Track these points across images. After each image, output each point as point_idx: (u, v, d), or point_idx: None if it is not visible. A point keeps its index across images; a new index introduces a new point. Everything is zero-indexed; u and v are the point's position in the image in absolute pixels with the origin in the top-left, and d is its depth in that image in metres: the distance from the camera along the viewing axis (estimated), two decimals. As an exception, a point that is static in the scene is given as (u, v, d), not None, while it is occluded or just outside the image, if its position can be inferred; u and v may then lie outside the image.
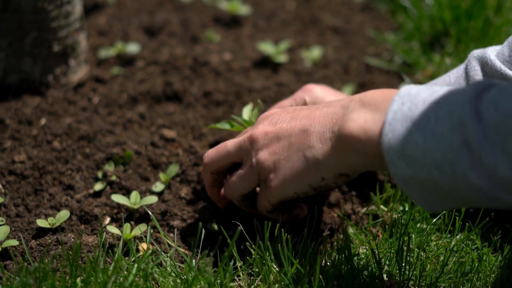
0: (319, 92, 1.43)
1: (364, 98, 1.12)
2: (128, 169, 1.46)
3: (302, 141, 1.18)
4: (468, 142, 0.96)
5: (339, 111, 1.15)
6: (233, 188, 1.29)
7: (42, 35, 1.62)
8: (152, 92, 1.71)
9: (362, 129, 1.09)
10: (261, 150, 1.22)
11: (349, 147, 1.11)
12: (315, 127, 1.17)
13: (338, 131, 1.13)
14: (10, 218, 1.35)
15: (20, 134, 1.53)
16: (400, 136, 1.03)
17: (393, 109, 1.05)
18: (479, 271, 1.25)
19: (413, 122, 1.02)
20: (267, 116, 1.26)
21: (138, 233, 1.29)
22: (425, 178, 1.02)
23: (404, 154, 1.02)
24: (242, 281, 1.20)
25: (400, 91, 1.07)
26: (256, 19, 2.09)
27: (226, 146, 1.29)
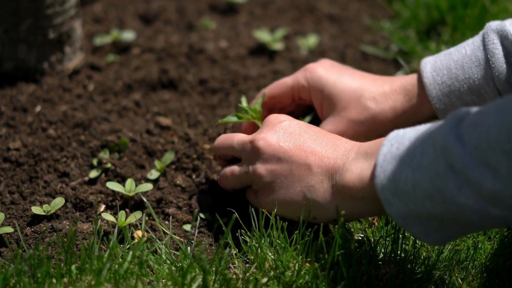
0: (321, 72, 1.42)
1: (362, 147, 1.17)
2: (123, 157, 1.46)
3: (303, 176, 1.21)
4: (452, 166, 0.99)
5: (339, 160, 1.18)
6: (225, 180, 1.33)
7: (37, 22, 1.61)
8: (148, 80, 1.71)
9: (358, 177, 1.14)
10: (260, 162, 1.24)
11: (347, 196, 1.16)
12: (317, 168, 1.20)
13: (337, 182, 1.17)
14: (5, 205, 1.35)
15: (15, 122, 1.52)
16: (391, 175, 1.06)
17: (383, 152, 1.09)
18: (475, 259, 1.25)
19: (401, 160, 1.06)
20: (275, 124, 1.27)
21: (133, 220, 1.29)
22: (419, 210, 1.05)
23: (397, 191, 1.06)
24: (237, 268, 1.20)
25: (389, 135, 1.11)
26: (252, 6, 2.09)
27: (233, 140, 1.31)
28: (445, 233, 1.07)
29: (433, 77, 1.33)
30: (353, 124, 1.38)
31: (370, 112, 1.38)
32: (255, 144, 1.25)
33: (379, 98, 1.38)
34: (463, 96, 1.32)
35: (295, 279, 1.15)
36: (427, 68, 1.35)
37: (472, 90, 1.31)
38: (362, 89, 1.39)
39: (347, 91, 1.39)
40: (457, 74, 1.32)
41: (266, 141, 1.24)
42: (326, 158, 1.20)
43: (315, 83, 1.42)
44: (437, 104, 1.33)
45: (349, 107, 1.39)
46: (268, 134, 1.25)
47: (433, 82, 1.33)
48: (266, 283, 1.16)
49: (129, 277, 1.14)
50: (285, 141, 1.24)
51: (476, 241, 1.28)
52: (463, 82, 1.31)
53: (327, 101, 1.41)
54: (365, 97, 1.38)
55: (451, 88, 1.32)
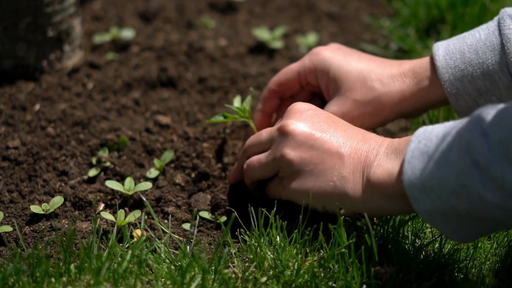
0: (327, 54, 1.41)
1: (393, 143, 1.18)
2: (123, 155, 1.46)
3: (335, 166, 1.20)
4: (477, 162, 1.00)
5: (371, 154, 1.19)
6: (251, 170, 1.31)
7: (36, 20, 1.61)
8: (147, 78, 1.71)
9: (388, 173, 1.14)
10: (290, 147, 1.23)
11: (377, 192, 1.16)
12: (350, 159, 1.20)
13: (368, 176, 1.17)
14: (4, 204, 1.35)
15: (14, 120, 1.52)
16: (418, 171, 1.07)
17: (411, 148, 1.09)
18: (474, 258, 1.25)
19: (428, 156, 1.07)
20: (302, 112, 1.26)
21: (132, 219, 1.29)
22: (445, 207, 1.05)
23: (423, 187, 1.06)
24: (237, 267, 1.20)
25: (417, 131, 1.11)
26: (251, 5, 2.09)
27: (261, 134, 1.31)
28: (471, 230, 1.08)
29: (446, 60, 1.32)
30: (358, 105, 1.36)
31: (376, 94, 1.36)
32: (285, 128, 1.24)
33: (385, 80, 1.36)
34: (475, 81, 1.30)
35: (295, 278, 1.15)
36: (439, 51, 1.33)
37: (485, 75, 1.29)
38: (369, 70, 1.38)
39: (353, 72, 1.38)
40: (471, 59, 1.30)
41: (297, 127, 1.23)
42: (358, 150, 1.20)
43: (320, 65, 1.41)
44: (449, 88, 1.32)
45: (355, 88, 1.37)
46: (297, 120, 1.24)
47: (446, 66, 1.32)
48: (266, 282, 1.16)
49: (128, 276, 1.14)
50: (315, 129, 1.23)
51: (476, 240, 1.28)
52: (477, 67, 1.29)
53: (332, 82, 1.39)
54: (371, 78, 1.37)
55: (464, 73, 1.30)
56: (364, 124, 1.36)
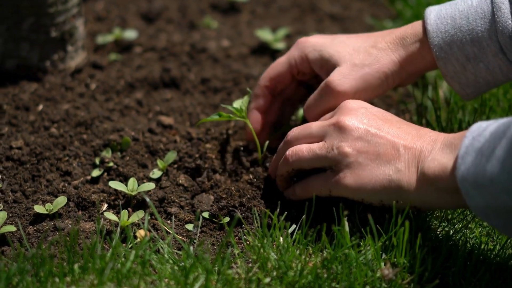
0: (313, 40, 1.43)
1: (447, 138, 1.19)
2: (126, 156, 1.46)
3: (392, 159, 1.21)
4: None
5: (425, 148, 1.20)
6: (298, 158, 1.29)
7: (39, 21, 1.61)
8: (150, 79, 1.71)
9: (441, 167, 1.15)
10: (346, 141, 1.24)
11: (431, 186, 1.17)
12: (405, 153, 1.21)
13: (422, 169, 1.18)
14: (8, 204, 1.35)
15: (17, 120, 1.52)
16: (471, 167, 1.08)
17: (465, 144, 1.10)
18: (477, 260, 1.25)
19: (481, 152, 1.08)
20: (356, 109, 1.27)
21: (136, 219, 1.29)
22: (497, 204, 1.07)
23: (475, 183, 1.07)
24: (240, 268, 1.20)
25: (472, 127, 1.12)
26: (254, 5, 2.09)
27: (311, 127, 1.30)
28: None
29: (437, 25, 1.34)
30: (360, 69, 1.36)
31: (373, 56, 1.37)
32: (342, 123, 1.24)
33: (380, 45, 1.38)
34: (464, 47, 1.32)
35: (298, 279, 1.15)
36: (431, 15, 1.35)
37: (474, 42, 1.32)
38: (361, 42, 1.40)
39: (347, 46, 1.39)
40: (461, 25, 1.32)
41: (353, 123, 1.24)
42: (413, 145, 1.21)
43: (311, 50, 1.42)
44: (438, 52, 1.34)
45: (351, 56, 1.37)
46: (352, 117, 1.25)
47: (436, 30, 1.34)
48: (269, 283, 1.16)
49: (132, 276, 1.14)
50: (371, 125, 1.24)
51: (479, 241, 1.28)
52: (466, 33, 1.32)
53: (328, 61, 1.39)
54: (366, 47, 1.38)
55: (454, 38, 1.33)
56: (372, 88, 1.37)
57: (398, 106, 1.76)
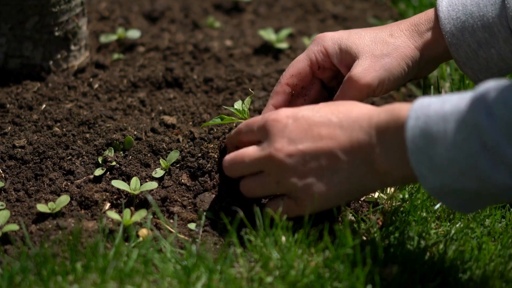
0: (331, 34, 1.43)
1: (381, 124, 1.16)
2: (128, 155, 1.46)
3: (336, 167, 1.20)
4: (485, 143, 1.01)
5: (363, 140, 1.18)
6: (252, 192, 1.30)
7: (43, 20, 1.61)
8: (153, 78, 1.71)
9: (393, 159, 1.15)
10: (288, 172, 1.23)
11: (387, 177, 1.17)
12: (345, 155, 1.20)
13: (372, 165, 1.17)
14: (10, 202, 1.35)
15: (20, 119, 1.53)
16: (424, 151, 1.08)
17: (410, 126, 1.10)
18: (479, 260, 1.25)
19: (432, 136, 1.07)
20: (280, 128, 1.24)
21: (138, 219, 1.29)
22: (455, 186, 1.07)
23: (431, 166, 1.08)
24: (242, 267, 1.20)
25: (413, 106, 1.11)
26: (257, 5, 2.09)
27: (243, 159, 1.28)
28: (481, 204, 1.11)
29: (449, 11, 1.36)
30: (380, 59, 1.37)
31: (391, 45, 1.38)
32: (276, 158, 1.23)
33: (396, 33, 1.39)
34: (476, 33, 1.34)
35: (300, 278, 1.15)
36: (443, 2, 1.37)
37: (485, 28, 1.34)
38: (376, 32, 1.41)
39: (365, 37, 1.40)
40: (472, 11, 1.34)
41: (284, 151, 1.23)
42: (349, 143, 1.19)
43: (330, 44, 1.41)
44: (450, 38, 1.36)
45: (370, 48, 1.38)
46: (281, 142, 1.23)
47: (448, 17, 1.36)
48: (271, 282, 1.16)
49: (134, 275, 1.15)
50: (301, 141, 1.22)
51: (481, 241, 1.28)
52: (478, 19, 1.34)
53: (347, 54, 1.40)
54: (383, 36, 1.39)
55: (465, 24, 1.35)
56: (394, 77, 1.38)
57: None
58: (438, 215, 1.35)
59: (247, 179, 1.30)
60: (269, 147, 1.24)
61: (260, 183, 1.28)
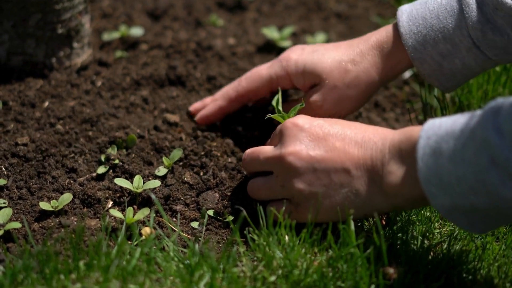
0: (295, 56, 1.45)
1: (394, 142, 1.17)
2: (131, 153, 1.46)
3: (345, 182, 1.20)
4: (494, 159, 1.00)
5: (375, 158, 1.18)
6: (257, 193, 1.32)
7: (46, 17, 1.61)
8: (156, 76, 1.71)
9: (402, 179, 1.14)
10: (295, 177, 1.23)
11: (396, 197, 1.17)
12: (355, 170, 1.20)
13: (381, 183, 1.17)
14: (13, 200, 1.35)
15: (23, 117, 1.52)
16: (434, 168, 1.07)
17: (421, 145, 1.09)
18: (483, 260, 1.25)
19: (442, 154, 1.07)
20: (296, 133, 1.25)
21: (141, 217, 1.29)
22: (464, 203, 1.06)
23: (441, 184, 1.07)
24: (245, 266, 1.20)
25: (424, 126, 1.11)
26: (260, 3, 2.09)
27: (259, 156, 1.30)
28: (491, 224, 1.10)
29: (409, 26, 1.36)
30: (340, 90, 1.40)
31: (353, 74, 1.40)
32: (286, 160, 1.23)
33: (358, 59, 1.40)
34: (438, 45, 1.34)
35: (303, 277, 1.15)
36: (403, 17, 1.37)
37: (446, 39, 1.34)
38: (340, 54, 1.41)
39: (326, 62, 1.41)
40: (432, 24, 1.34)
41: (296, 154, 1.23)
42: (362, 159, 1.20)
43: (293, 68, 1.44)
44: (413, 53, 1.36)
45: (331, 74, 1.40)
46: (294, 145, 1.24)
47: (409, 32, 1.36)
48: (274, 282, 1.16)
49: (137, 274, 1.14)
50: (314, 148, 1.23)
51: (485, 241, 1.28)
52: (438, 32, 1.34)
53: (309, 78, 1.43)
54: (344, 61, 1.40)
55: (426, 38, 1.35)
56: (351, 105, 1.40)
57: (403, 105, 1.76)
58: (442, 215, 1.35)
59: (255, 179, 1.32)
60: (281, 148, 1.25)
61: (266, 184, 1.29)
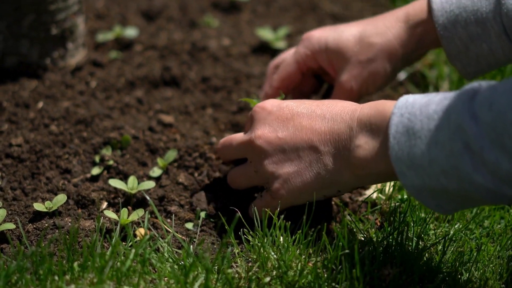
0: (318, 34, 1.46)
1: (362, 116, 1.16)
2: (126, 154, 1.45)
3: (313, 158, 1.21)
4: (468, 145, 1.00)
5: (343, 132, 1.18)
6: (236, 181, 1.33)
7: (40, 18, 1.61)
8: (150, 77, 1.70)
9: (370, 153, 1.14)
10: (266, 159, 1.24)
11: (362, 172, 1.16)
12: (323, 145, 1.20)
13: (348, 157, 1.17)
14: (7, 201, 1.35)
15: (17, 117, 1.52)
16: (406, 148, 1.07)
17: (394, 122, 1.08)
18: (478, 261, 1.25)
19: (415, 133, 1.06)
20: (265, 116, 1.26)
21: (136, 218, 1.29)
22: (434, 185, 1.06)
23: (412, 164, 1.06)
24: (240, 267, 1.20)
25: (397, 102, 1.10)
26: (255, 4, 2.09)
27: (231, 143, 1.32)
28: (459, 206, 1.09)
29: (442, 4, 1.36)
30: (364, 64, 1.41)
31: (377, 47, 1.40)
32: (255, 144, 1.25)
33: (381, 31, 1.40)
34: (468, 27, 1.34)
35: (298, 278, 1.15)
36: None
37: (478, 22, 1.33)
38: (363, 29, 1.42)
39: (349, 38, 1.42)
40: (466, 5, 1.34)
41: (264, 137, 1.24)
42: (329, 134, 1.20)
43: (316, 47, 1.44)
44: (442, 31, 1.36)
45: (356, 50, 1.41)
46: (263, 129, 1.25)
47: (441, 9, 1.35)
48: (269, 283, 1.16)
49: (132, 275, 1.14)
50: (282, 130, 1.23)
51: (479, 243, 1.28)
52: (471, 13, 1.34)
53: (334, 56, 1.43)
54: (367, 36, 1.41)
55: (458, 18, 1.34)
56: (379, 80, 1.40)
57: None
58: (436, 216, 1.35)
59: (232, 169, 1.34)
60: (251, 132, 1.27)
61: (242, 171, 1.31)
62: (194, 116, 1.60)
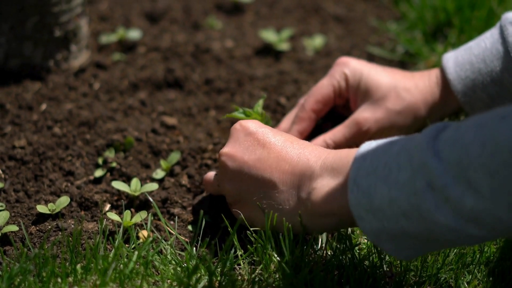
0: (355, 64, 1.46)
1: (327, 161, 1.15)
2: (129, 156, 1.46)
3: (270, 194, 1.19)
4: (431, 182, 0.96)
5: (305, 176, 1.16)
6: (206, 187, 1.35)
7: (43, 20, 1.61)
8: (153, 79, 1.70)
9: (326, 196, 1.12)
10: (227, 177, 1.24)
11: (316, 215, 1.14)
12: (283, 185, 1.18)
13: (305, 200, 1.15)
14: (10, 203, 1.35)
15: (20, 119, 1.52)
16: (366, 190, 1.04)
17: (356, 166, 1.07)
18: (481, 263, 1.24)
19: (376, 175, 1.03)
20: (239, 136, 1.25)
21: (139, 220, 1.29)
22: (393, 227, 1.02)
23: (371, 207, 1.03)
24: (243, 269, 1.20)
25: (360, 148, 1.09)
26: (258, 6, 2.08)
27: None
28: (419, 250, 1.06)
29: (457, 72, 1.38)
30: (390, 113, 1.42)
31: (406, 102, 1.41)
32: (221, 159, 1.24)
33: (412, 90, 1.42)
34: (486, 88, 1.36)
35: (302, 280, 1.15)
36: (449, 63, 1.40)
37: (495, 82, 1.35)
38: (396, 80, 1.43)
39: (383, 82, 1.43)
40: (480, 68, 1.36)
41: (230, 155, 1.23)
42: (291, 174, 1.17)
43: (351, 75, 1.45)
44: (463, 98, 1.38)
45: (386, 96, 1.42)
46: (233, 147, 1.24)
47: (457, 78, 1.38)
48: (272, 284, 1.16)
49: (135, 277, 1.14)
50: (249, 153, 1.21)
51: (482, 244, 1.28)
52: (486, 75, 1.36)
53: (363, 91, 1.44)
54: (400, 88, 1.42)
55: (475, 82, 1.37)
56: (392, 133, 1.40)
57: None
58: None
59: (206, 175, 1.35)
60: (224, 147, 1.26)
61: (209, 181, 1.33)
62: (197, 118, 1.60)
